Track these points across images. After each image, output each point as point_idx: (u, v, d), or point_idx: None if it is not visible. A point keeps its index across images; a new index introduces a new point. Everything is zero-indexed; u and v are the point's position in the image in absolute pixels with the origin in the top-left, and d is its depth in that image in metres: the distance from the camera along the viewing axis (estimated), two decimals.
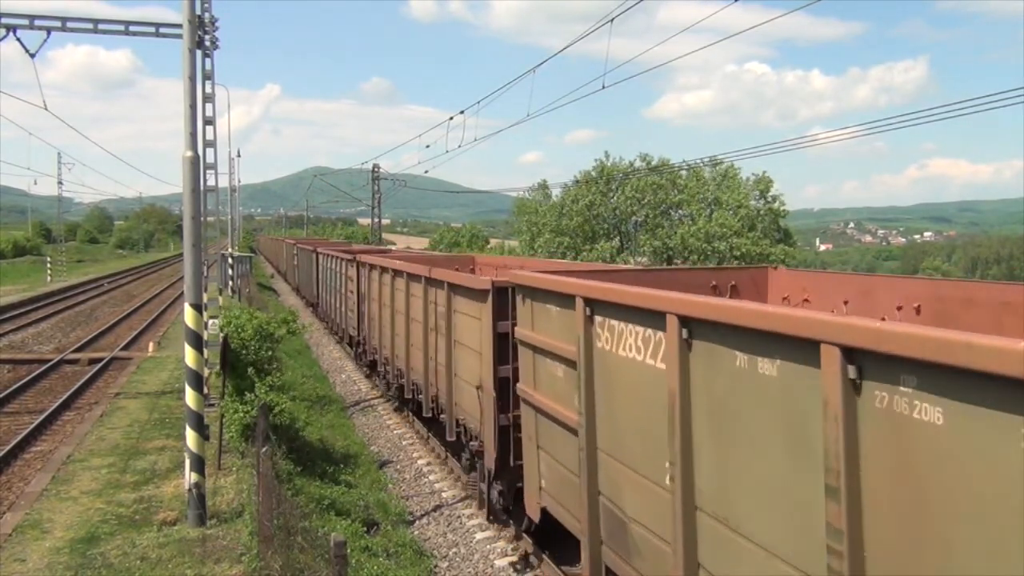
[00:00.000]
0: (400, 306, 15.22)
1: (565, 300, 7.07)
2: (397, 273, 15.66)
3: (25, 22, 14.16)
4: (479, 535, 10.91)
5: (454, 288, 11.60)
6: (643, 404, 5.73)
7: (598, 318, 6.46)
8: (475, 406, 10.61)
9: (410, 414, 16.74)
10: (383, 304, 17.05)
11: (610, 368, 6.28)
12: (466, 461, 11.95)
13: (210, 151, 15.12)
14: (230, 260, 35.76)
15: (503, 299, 9.62)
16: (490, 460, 10.08)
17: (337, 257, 25.39)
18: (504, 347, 9.65)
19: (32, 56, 14.38)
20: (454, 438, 11.98)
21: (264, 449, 7.89)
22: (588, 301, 6.56)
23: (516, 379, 9.08)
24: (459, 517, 11.63)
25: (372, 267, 18.46)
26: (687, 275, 8.95)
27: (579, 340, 6.69)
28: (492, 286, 9.82)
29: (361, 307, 20.31)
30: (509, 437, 9.74)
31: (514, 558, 10.06)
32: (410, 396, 15.03)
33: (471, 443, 11.08)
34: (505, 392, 9.72)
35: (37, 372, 20.16)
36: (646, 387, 5.66)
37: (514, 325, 8.88)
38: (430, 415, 13.49)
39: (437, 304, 12.47)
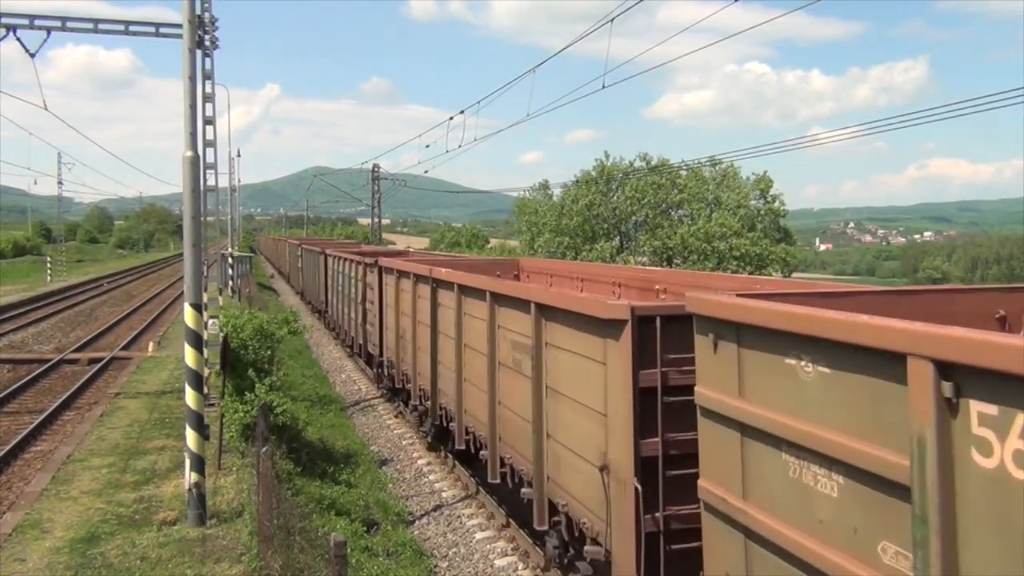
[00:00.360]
0: (447, 328, 12.17)
1: (856, 356, 3.84)
2: (441, 284, 12.40)
3: (25, 22, 14.17)
4: (479, 535, 10.91)
5: (548, 312, 8.15)
6: None
7: (983, 408, 3.20)
8: (593, 494, 7.22)
9: (450, 456, 13.65)
10: (419, 322, 14.05)
11: None
12: (555, 549, 8.44)
13: (210, 151, 15.16)
14: (230, 260, 35.78)
15: (645, 335, 6.58)
16: None
17: (350, 260, 22.49)
18: (650, 410, 6.58)
19: (32, 56, 14.40)
20: (545, 526, 8.52)
21: (264, 449, 7.90)
22: (948, 367, 3.31)
23: (669, 458, 6.53)
24: (459, 517, 11.63)
25: (401, 274, 15.35)
26: (964, 300, 5.64)
27: (914, 444, 3.46)
28: (632, 314, 6.56)
29: (384, 322, 17.45)
30: (659, 550, 6.57)
31: (514, 557, 10.06)
32: (464, 447, 11.71)
33: (587, 548, 7.43)
34: (651, 478, 6.56)
35: (37, 372, 20.16)
36: None
37: (664, 375, 6.51)
38: (498, 481, 10.18)
39: (513, 332, 9.27)
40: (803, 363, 4.24)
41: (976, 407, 3.25)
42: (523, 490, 9.10)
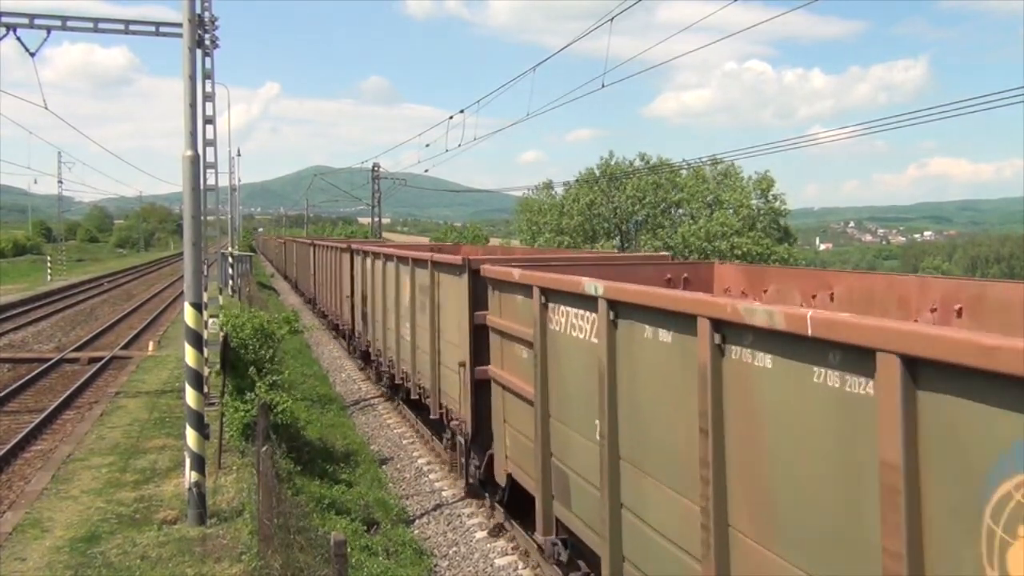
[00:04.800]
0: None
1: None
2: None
3: (25, 21, 14.17)
4: (479, 534, 10.90)
5: None
6: None
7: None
8: None
9: None
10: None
11: None
12: None
13: (210, 150, 15.16)
14: (230, 259, 35.78)
15: None
16: None
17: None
18: None
19: (32, 55, 14.40)
20: None
21: (264, 448, 7.90)
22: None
23: None
24: (459, 516, 11.62)
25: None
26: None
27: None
28: None
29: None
30: None
31: (514, 557, 10.05)
32: None
33: None
34: None
35: (37, 371, 20.16)
36: None
37: None
38: None
39: None
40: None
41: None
42: None
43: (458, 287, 10.79)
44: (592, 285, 6.36)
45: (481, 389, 10.16)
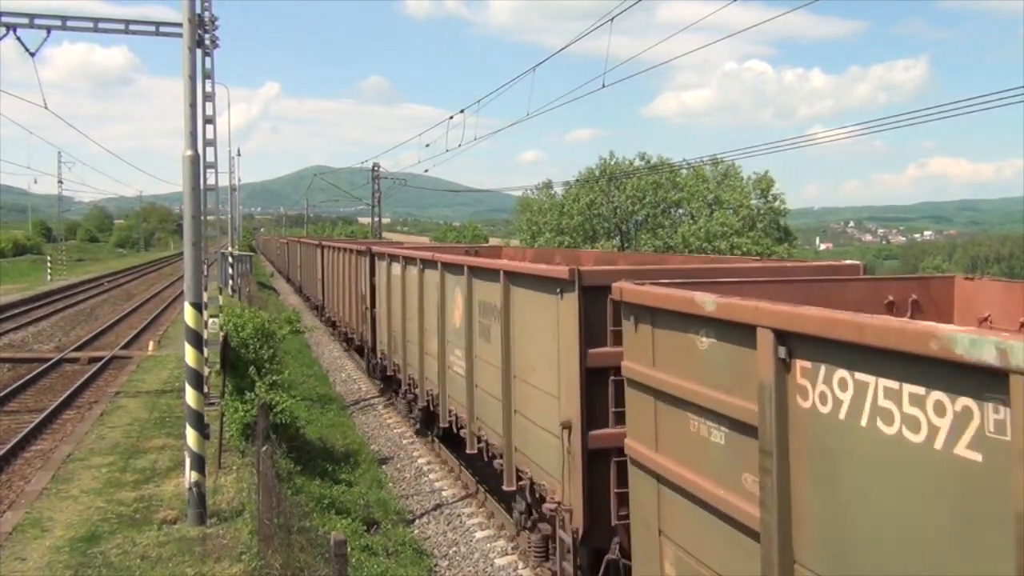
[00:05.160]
0: None
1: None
2: None
3: (25, 21, 14.17)
4: (479, 534, 10.90)
5: None
6: None
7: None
8: None
9: None
10: None
11: None
12: None
13: (210, 150, 15.15)
14: (230, 259, 35.76)
15: None
16: None
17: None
18: None
19: (32, 55, 14.40)
20: None
21: (264, 448, 7.90)
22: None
23: None
24: (459, 516, 11.63)
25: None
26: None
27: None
28: None
29: None
30: None
31: (514, 556, 10.05)
32: None
33: None
34: None
35: (37, 371, 20.16)
36: None
37: None
38: None
39: None
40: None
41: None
42: None
43: (556, 311, 7.76)
44: (987, 344, 2.96)
45: (596, 462, 7.44)
